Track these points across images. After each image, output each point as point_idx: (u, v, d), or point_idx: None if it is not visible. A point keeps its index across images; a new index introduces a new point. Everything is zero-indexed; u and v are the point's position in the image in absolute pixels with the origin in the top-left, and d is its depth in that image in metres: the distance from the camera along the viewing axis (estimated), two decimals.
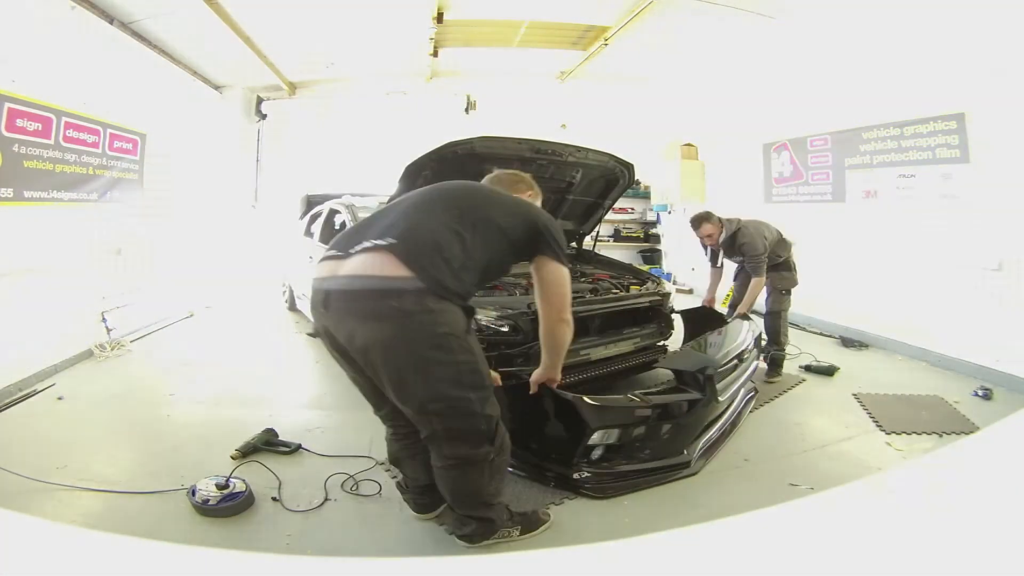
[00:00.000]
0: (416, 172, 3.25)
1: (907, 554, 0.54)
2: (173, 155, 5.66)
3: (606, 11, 5.60)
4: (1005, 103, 3.63)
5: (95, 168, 4.30)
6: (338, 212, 4.56)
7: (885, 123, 4.49)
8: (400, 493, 2.17)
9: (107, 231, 4.55)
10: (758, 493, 2.33)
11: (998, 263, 3.74)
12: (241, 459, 2.53)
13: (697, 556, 0.56)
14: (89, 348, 4.17)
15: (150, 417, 3.08)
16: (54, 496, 2.21)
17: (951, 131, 3.98)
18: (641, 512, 2.19)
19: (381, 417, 2.07)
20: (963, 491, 0.64)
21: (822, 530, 0.60)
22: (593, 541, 0.56)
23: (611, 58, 6.76)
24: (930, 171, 4.16)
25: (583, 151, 3.78)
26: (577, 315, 3.22)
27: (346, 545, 1.99)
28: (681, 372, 2.62)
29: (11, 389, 3.33)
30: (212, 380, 3.72)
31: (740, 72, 6.15)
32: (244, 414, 3.10)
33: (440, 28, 5.68)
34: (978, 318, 3.89)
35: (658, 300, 3.69)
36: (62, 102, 3.85)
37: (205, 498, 2.11)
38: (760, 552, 0.56)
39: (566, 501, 2.25)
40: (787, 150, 5.64)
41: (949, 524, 0.58)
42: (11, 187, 3.45)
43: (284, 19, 5.44)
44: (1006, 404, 3.40)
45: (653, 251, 8.29)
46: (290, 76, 7.33)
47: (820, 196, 5.26)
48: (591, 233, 4.61)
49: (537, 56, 6.96)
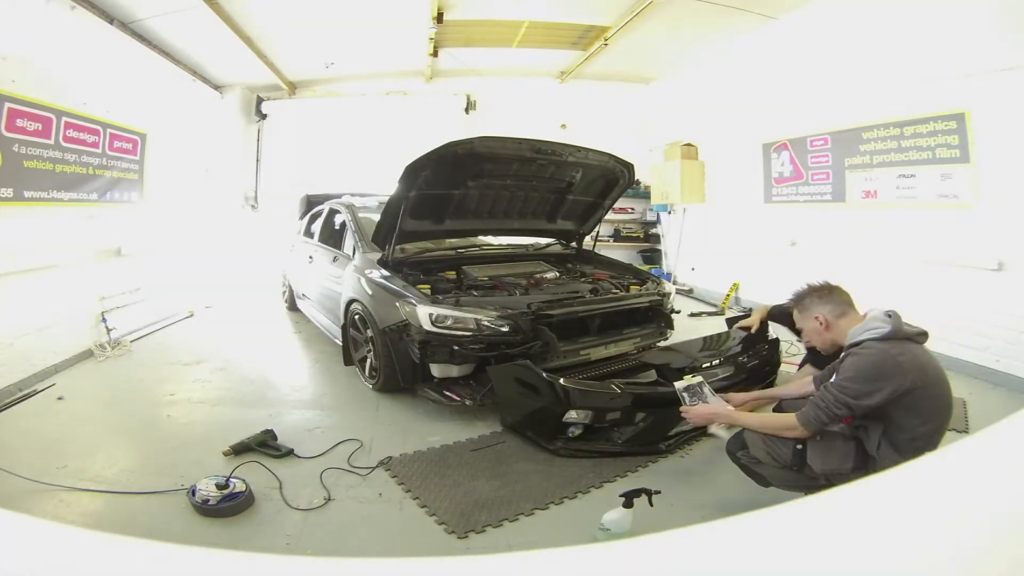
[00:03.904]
0: (416, 172, 3.26)
1: (907, 554, 0.54)
2: (173, 155, 5.66)
3: (606, 11, 5.60)
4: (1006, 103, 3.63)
5: (95, 168, 4.29)
6: (338, 212, 4.57)
7: (885, 123, 4.48)
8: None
9: (107, 231, 4.55)
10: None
11: (998, 263, 3.73)
12: (233, 456, 2.54)
13: (697, 556, 0.56)
14: (89, 348, 4.17)
15: (150, 417, 3.08)
16: (54, 496, 2.21)
17: (951, 131, 3.98)
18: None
19: None
20: (963, 491, 0.64)
21: (822, 530, 0.60)
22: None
23: (611, 58, 6.76)
24: (930, 171, 4.16)
25: (583, 151, 3.78)
26: (577, 315, 3.26)
27: (346, 545, 2.00)
28: (660, 367, 2.65)
29: (11, 389, 3.34)
30: (212, 380, 3.72)
31: (740, 72, 6.15)
32: (244, 414, 3.11)
33: (440, 28, 5.68)
34: (978, 318, 3.88)
35: (658, 300, 3.70)
36: (62, 102, 3.85)
37: (205, 498, 2.11)
38: (760, 552, 0.56)
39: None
40: (787, 150, 5.64)
41: (949, 524, 0.58)
42: (11, 187, 3.45)
43: (284, 19, 5.45)
44: (1006, 404, 3.40)
45: (653, 251, 8.29)
46: (290, 76, 7.34)
47: (820, 196, 5.26)
48: (591, 233, 4.61)
49: (537, 56, 6.97)
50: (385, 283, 3.31)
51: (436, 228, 3.87)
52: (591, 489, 2.36)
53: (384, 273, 3.38)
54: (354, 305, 3.58)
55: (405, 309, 3.07)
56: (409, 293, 3.10)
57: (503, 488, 2.36)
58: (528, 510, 2.20)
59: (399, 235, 3.47)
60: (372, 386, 3.48)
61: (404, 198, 3.34)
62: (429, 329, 2.95)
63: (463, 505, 2.22)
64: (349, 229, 4.17)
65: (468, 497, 2.28)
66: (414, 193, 3.36)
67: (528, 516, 2.18)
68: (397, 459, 2.59)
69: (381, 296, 3.29)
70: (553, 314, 3.09)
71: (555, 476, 2.46)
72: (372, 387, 3.48)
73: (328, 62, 6.94)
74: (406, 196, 3.34)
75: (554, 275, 3.89)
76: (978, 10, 3.74)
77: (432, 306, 2.98)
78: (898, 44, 4.28)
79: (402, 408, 3.23)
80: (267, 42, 6.02)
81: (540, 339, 3.02)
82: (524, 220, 4.27)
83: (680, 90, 7.49)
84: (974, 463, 0.70)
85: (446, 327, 2.94)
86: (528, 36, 6.31)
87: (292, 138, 7.91)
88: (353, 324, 3.62)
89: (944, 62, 3.96)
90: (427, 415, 3.14)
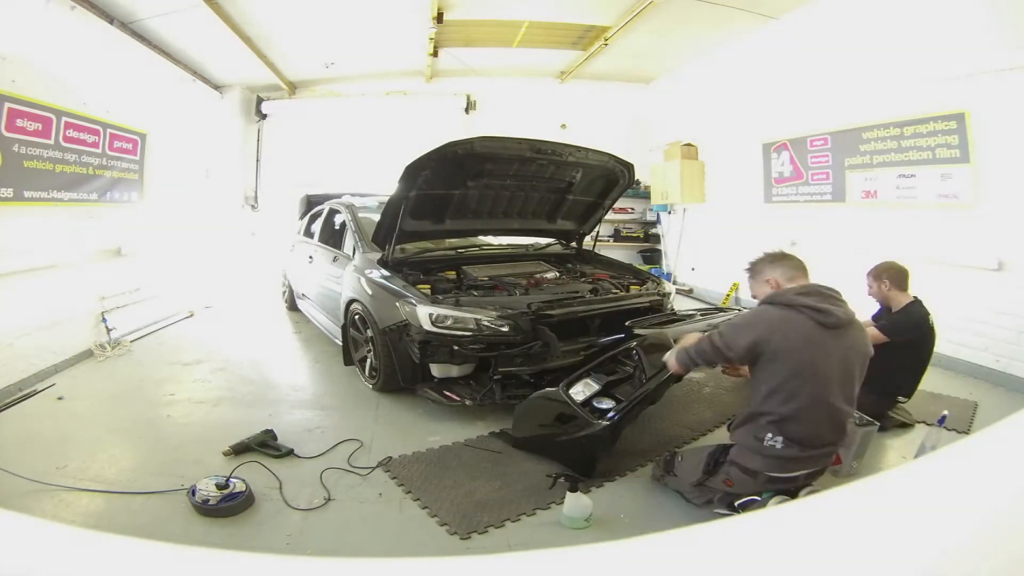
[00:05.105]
0: (416, 172, 3.26)
1: (907, 555, 0.54)
2: (173, 155, 5.65)
3: (606, 11, 5.60)
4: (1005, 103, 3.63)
5: (95, 168, 4.29)
6: (338, 212, 4.57)
7: (885, 123, 4.48)
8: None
9: (107, 231, 4.55)
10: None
11: (998, 263, 3.73)
12: (233, 456, 2.54)
13: (697, 556, 0.56)
14: (89, 348, 4.17)
15: (150, 417, 3.08)
16: (54, 496, 2.22)
17: (951, 131, 3.98)
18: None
19: None
20: (963, 491, 0.64)
21: (822, 530, 0.60)
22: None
23: (611, 58, 6.76)
24: (930, 171, 4.16)
25: (583, 151, 3.78)
26: (577, 315, 3.26)
27: (346, 545, 2.00)
28: (632, 330, 2.92)
29: (11, 389, 3.34)
30: (212, 380, 3.72)
31: (740, 72, 6.15)
32: (244, 414, 3.11)
33: (440, 28, 5.68)
34: (978, 318, 3.88)
35: (658, 300, 3.70)
36: (62, 102, 3.84)
37: (205, 498, 2.11)
38: (760, 553, 0.56)
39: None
40: (787, 150, 5.64)
41: (949, 525, 0.58)
42: (11, 187, 3.45)
43: (284, 19, 5.45)
44: (1006, 404, 3.40)
45: (653, 251, 8.29)
46: (290, 76, 7.33)
47: (820, 196, 5.26)
48: (591, 233, 4.61)
49: (537, 56, 6.96)
50: (385, 283, 3.31)
51: (436, 228, 3.87)
52: (592, 488, 2.36)
53: (384, 273, 3.38)
54: (354, 305, 3.58)
55: (405, 309, 3.07)
56: (409, 293, 3.10)
57: (504, 488, 2.36)
58: (530, 510, 2.20)
59: (399, 235, 3.47)
60: (372, 386, 3.48)
61: (404, 198, 3.34)
62: (429, 329, 2.95)
63: (464, 506, 2.22)
64: (349, 229, 4.17)
65: (469, 498, 2.28)
66: (414, 193, 3.36)
67: (530, 516, 2.18)
68: (397, 460, 2.59)
69: (381, 296, 3.29)
70: (553, 314, 3.09)
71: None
72: (372, 387, 3.48)
73: (328, 62, 6.94)
74: (406, 196, 3.34)
75: (554, 275, 3.89)
76: (978, 10, 3.75)
77: (432, 306, 2.98)
78: (898, 44, 4.28)
79: (402, 408, 3.23)
80: (267, 42, 6.01)
81: (540, 339, 3.02)
82: (524, 220, 4.27)
83: (680, 90, 7.49)
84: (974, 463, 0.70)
85: (446, 327, 2.94)
86: (528, 36, 6.30)
87: (292, 138, 7.91)
88: (353, 324, 3.62)
89: (944, 62, 3.96)
90: (427, 415, 3.14)
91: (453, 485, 2.38)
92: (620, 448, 2.53)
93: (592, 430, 2.39)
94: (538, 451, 2.63)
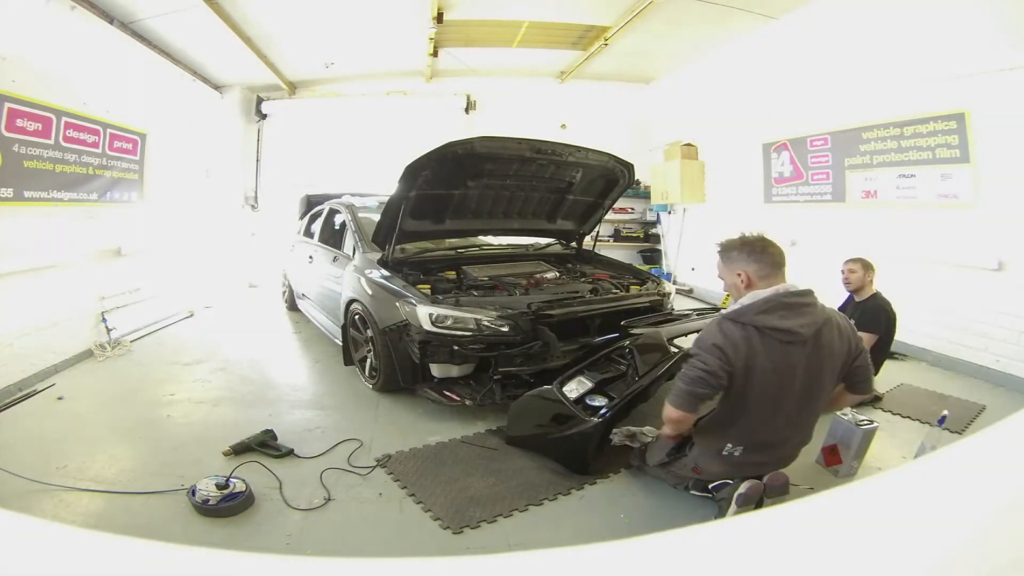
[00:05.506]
0: (416, 172, 3.26)
1: (907, 555, 0.54)
2: (173, 155, 5.65)
3: (606, 11, 5.60)
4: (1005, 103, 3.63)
5: (95, 168, 4.29)
6: (338, 212, 4.57)
7: (885, 123, 4.48)
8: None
9: (107, 231, 4.55)
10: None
11: (998, 263, 3.73)
12: (233, 456, 2.54)
13: (697, 556, 0.56)
14: (89, 348, 4.17)
15: (150, 417, 3.08)
16: (54, 496, 2.22)
17: (951, 131, 3.98)
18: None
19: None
20: (963, 491, 0.64)
21: (822, 530, 0.60)
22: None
23: (611, 58, 6.76)
24: (930, 171, 4.16)
25: (583, 151, 3.78)
26: (577, 315, 3.26)
27: (346, 545, 2.00)
28: (627, 329, 2.90)
29: (11, 389, 3.34)
30: (212, 380, 3.72)
31: (740, 72, 6.15)
32: (244, 414, 3.11)
33: (440, 28, 5.68)
34: (978, 318, 3.88)
35: (658, 300, 3.70)
36: (62, 102, 3.84)
37: (205, 498, 2.11)
38: (760, 553, 0.56)
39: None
40: (787, 150, 5.64)
41: (949, 525, 0.58)
42: (11, 187, 3.45)
43: (284, 19, 5.44)
44: (1006, 404, 3.40)
45: (653, 251, 8.29)
46: (290, 76, 7.33)
47: (820, 196, 5.26)
48: (591, 233, 4.61)
49: (537, 56, 6.96)
50: (385, 283, 3.31)
51: (436, 228, 3.87)
52: (585, 486, 2.37)
53: (384, 273, 3.38)
54: (354, 305, 3.58)
55: (405, 309, 3.07)
56: (409, 293, 3.10)
57: (498, 484, 2.37)
58: (522, 506, 2.22)
59: (399, 235, 3.47)
60: (372, 386, 3.48)
61: (404, 198, 3.34)
62: (429, 329, 2.95)
63: (458, 501, 2.23)
64: (349, 229, 4.17)
65: (463, 493, 2.29)
66: (414, 193, 3.36)
67: (522, 512, 2.19)
68: (395, 456, 2.60)
69: (381, 296, 3.29)
70: (553, 314, 3.09)
71: (549, 472, 2.47)
72: (372, 387, 3.48)
73: (328, 62, 6.94)
74: (406, 196, 3.34)
75: (554, 275, 3.89)
76: (978, 10, 3.75)
77: (432, 306, 2.98)
78: (898, 44, 4.28)
79: (402, 408, 3.23)
80: (267, 42, 6.01)
81: (540, 339, 3.02)
82: (524, 220, 4.28)
83: (680, 90, 7.49)
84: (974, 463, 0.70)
85: (446, 327, 2.94)
86: (528, 36, 6.31)
87: (292, 138, 7.91)
88: (353, 324, 3.62)
89: (944, 62, 3.96)
90: (427, 415, 3.14)
91: (448, 480, 2.40)
92: (615, 446, 2.54)
93: (584, 427, 2.41)
94: (532, 448, 2.65)
